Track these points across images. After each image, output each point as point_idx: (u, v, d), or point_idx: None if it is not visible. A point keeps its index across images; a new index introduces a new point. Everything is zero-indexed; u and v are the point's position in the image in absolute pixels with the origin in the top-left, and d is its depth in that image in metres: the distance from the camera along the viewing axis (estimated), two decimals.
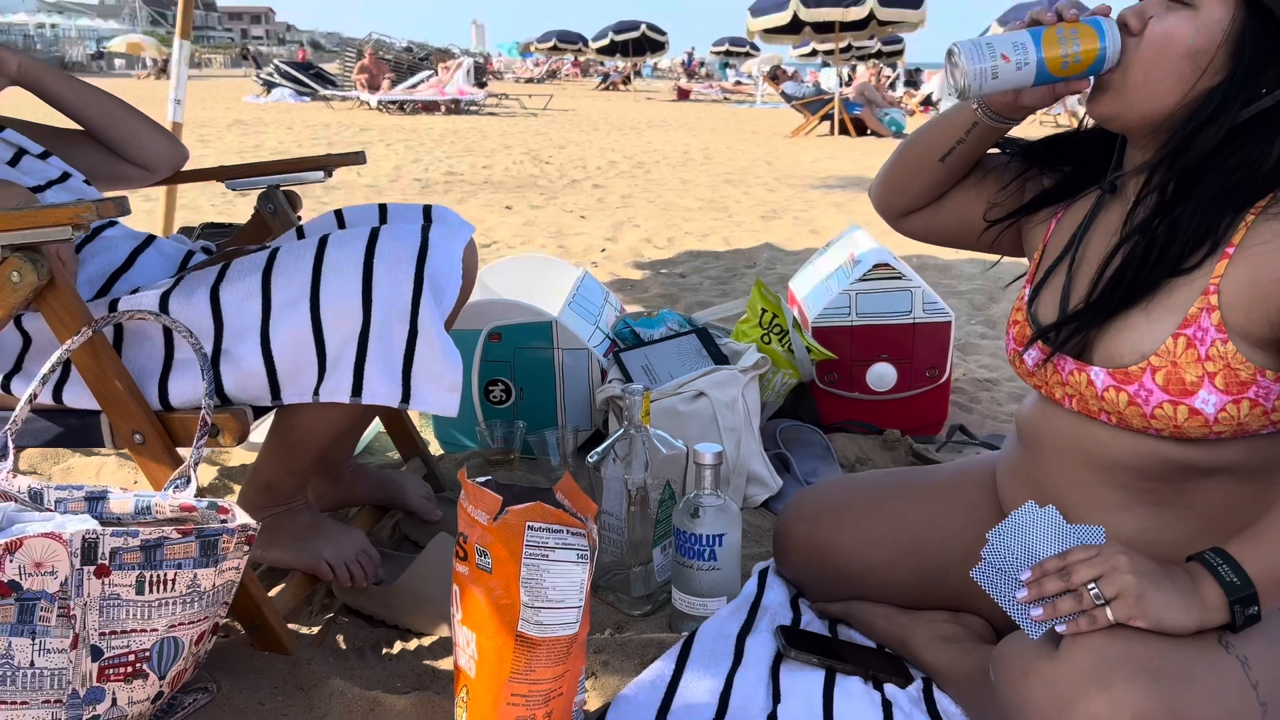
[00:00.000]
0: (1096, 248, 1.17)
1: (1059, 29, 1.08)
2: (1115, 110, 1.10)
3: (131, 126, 1.91)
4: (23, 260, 1.33)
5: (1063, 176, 1.27)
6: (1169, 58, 1.05)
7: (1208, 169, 1.06)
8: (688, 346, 2.14)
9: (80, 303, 1.38)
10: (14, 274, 1.33)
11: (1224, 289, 1.04)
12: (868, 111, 12.59)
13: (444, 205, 1.83)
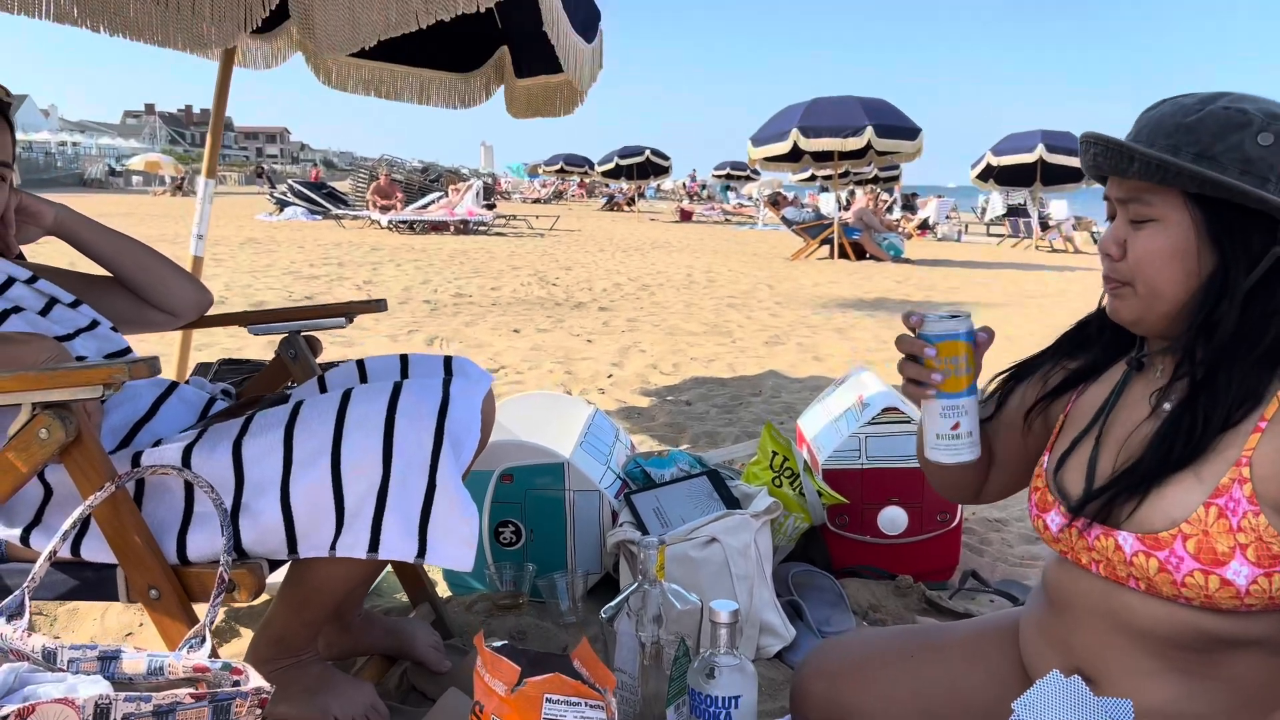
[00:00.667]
0: (1124, 421, 1.19)
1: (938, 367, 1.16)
2: (1136, 316, 1.14)
3: (160, 274, 1.96)
4: (52, 418, 1.36)
5: (1086, 358, 1.30)
6: (1160, 268, 1.09)
7: (1236, 336, 1.09)
8: (699, 489, 2.15)
9: (105, 458, 1.40)
10: (42, 431, 1.36)
11: (1256, 461, 1.05)
12: (866, 236, 12.88)
13: (453, 327, 1.87)
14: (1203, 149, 1.07)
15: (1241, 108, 1.08)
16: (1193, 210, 1.08)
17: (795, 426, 2.74)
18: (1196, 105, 1.10)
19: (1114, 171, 1.13)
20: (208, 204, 3.23)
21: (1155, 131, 1.11)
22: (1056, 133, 15.19)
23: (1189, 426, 1.09)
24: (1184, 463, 1.09)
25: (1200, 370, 1.10)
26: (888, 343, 6.16)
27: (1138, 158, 1.08)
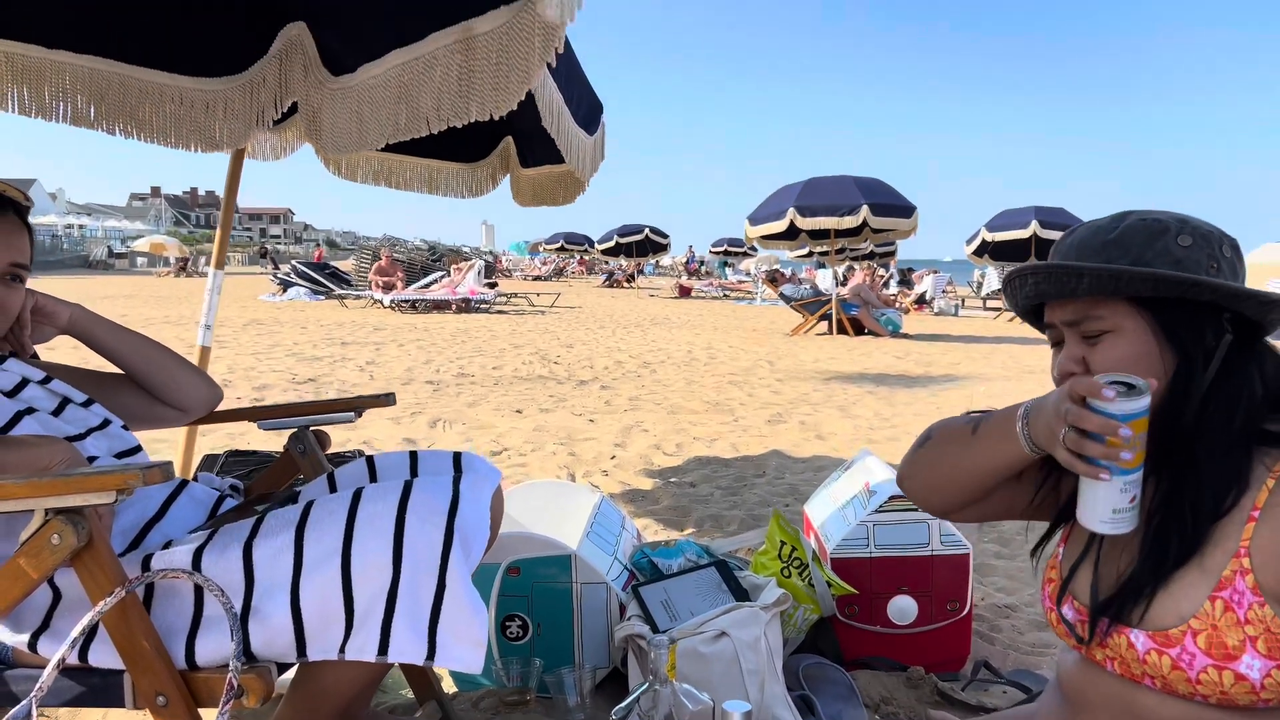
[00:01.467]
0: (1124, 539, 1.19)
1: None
2: None
3: (171, 371, 1.99)
4: (64, 523, 1.36)
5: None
6: (1127, 370, 1.12)
7: (1207, 426, 1.11)
8: (707, 580, 2.14)
9: (116, 563, 1.40)
10: (54, 536, 1.36)
11: (1254, 551, 1.06)
12: (865, 312, 12.98)
13: (456, 408, 1.88)
14: (1135, 258, 1.12)
15: (1155, 218, 1.15)
16: (1144, 314, 1.13)
17: (802, 512, 2.73)
18: (1111, 224, 1.17)
19: (1062, 294, 1.16)
20: (216, 295, 3.26)
21: (1083, 252, 1.16)
22: (1049, 209, 15.44)
23: (1180, 522, 1.11)
24: (1184, 558, 1.10)
25: (1180, 464, 1.12)
26: (890, 420, 6.16)
27: (1086, 273, 1.12)
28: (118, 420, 1.82)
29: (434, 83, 1.75)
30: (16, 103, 2.14)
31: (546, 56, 1.54)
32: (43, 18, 2.12)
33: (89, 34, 2.14)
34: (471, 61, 1.67)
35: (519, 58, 1.57)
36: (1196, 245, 1.12)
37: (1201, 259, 1.11)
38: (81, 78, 2.13)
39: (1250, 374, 1.12)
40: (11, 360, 1.75)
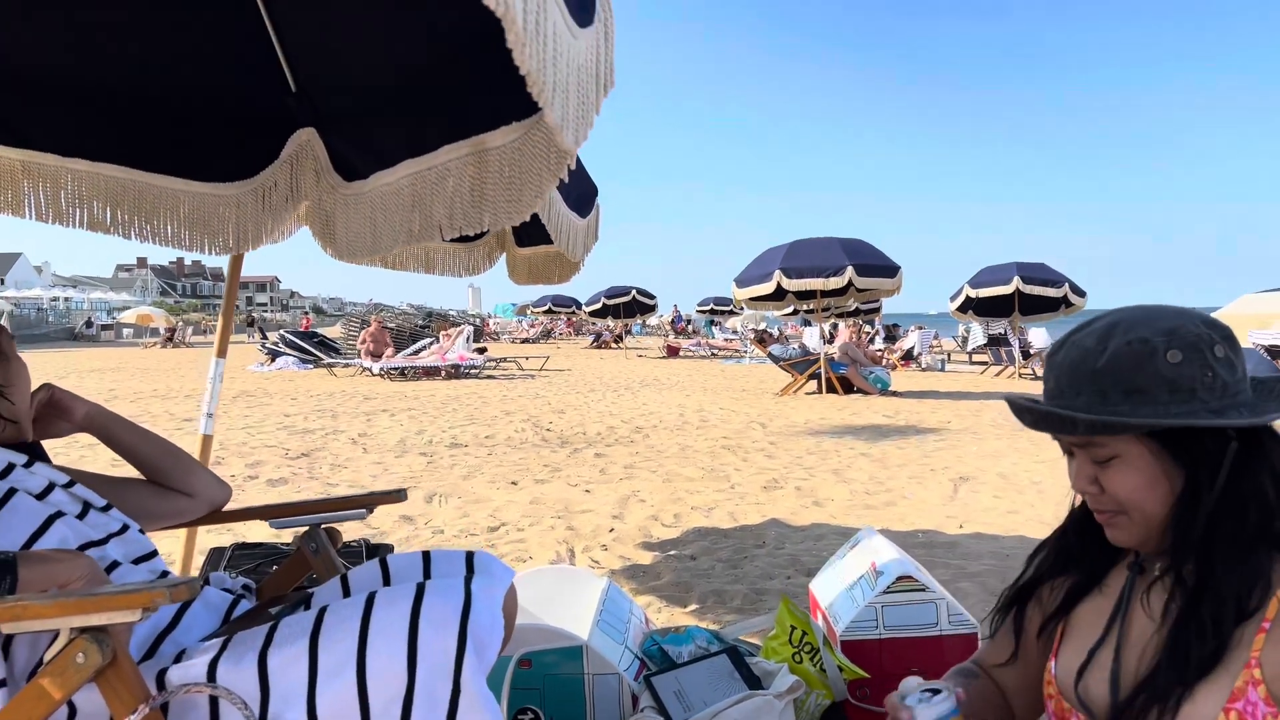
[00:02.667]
0: (1139, 628, 1.21)
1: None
2: (1139, 540, 1.20)
3: (184, 468, 2.02)
4: (89, 641, 1.37)
5: (1077, 573, 1.33)
6: (1144, 496, 1.15)
7: (1220, 532, 1.13)
8: (719, 668, 2.14)
9: (139, 680, 1.41)
10: (79, 655, 1.37)
11: (1265, 662, 1.07)
12: (853, 370, 13.07)
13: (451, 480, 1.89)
14: (1127, 386, 1.13)
15: (1141, 337, 1.14)
16: (1146, 441, 1.14)
17: (807, 589, 2.74)
18: (1098, 346, 1.17)
19: (1061, 432, 1.19)
20: (218, 383, 3.29)
21: (1074, 381, 1.18)
22: (1030, 264, 15.66)
23: (1199, 630, 1.11)
24: (1205, 668, 1.11)
25: (1197, 571, 1.14)
26: (885, 484, 6.18)
27: (1081, 423, 1.14)
28: (135, 525, 1.84)
29: (447, 192, 1.80)
30: (33, 209, 2.19)
31: (559, 174, 1.60)
32: (59, 128, 2.18)
33: (104, 142, 2.19)
34: (484, 173, 1.73)
35: (532, 173, 1.63)
36: (1187, 360, 1.12)
37: (1195, 373, 1.12)
38: (98, 185, 2.18)
39: (1260, 477, 1.12)
40: (39, 464, 1.77)
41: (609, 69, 1.43)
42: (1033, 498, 5.69)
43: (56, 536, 1.64)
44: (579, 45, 1.28)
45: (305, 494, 6.01)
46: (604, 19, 1.40)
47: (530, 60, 1.06)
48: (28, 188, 2.20)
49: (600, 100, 1.40)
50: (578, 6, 1.28)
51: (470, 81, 1.75)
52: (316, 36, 2.00)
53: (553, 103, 1.17)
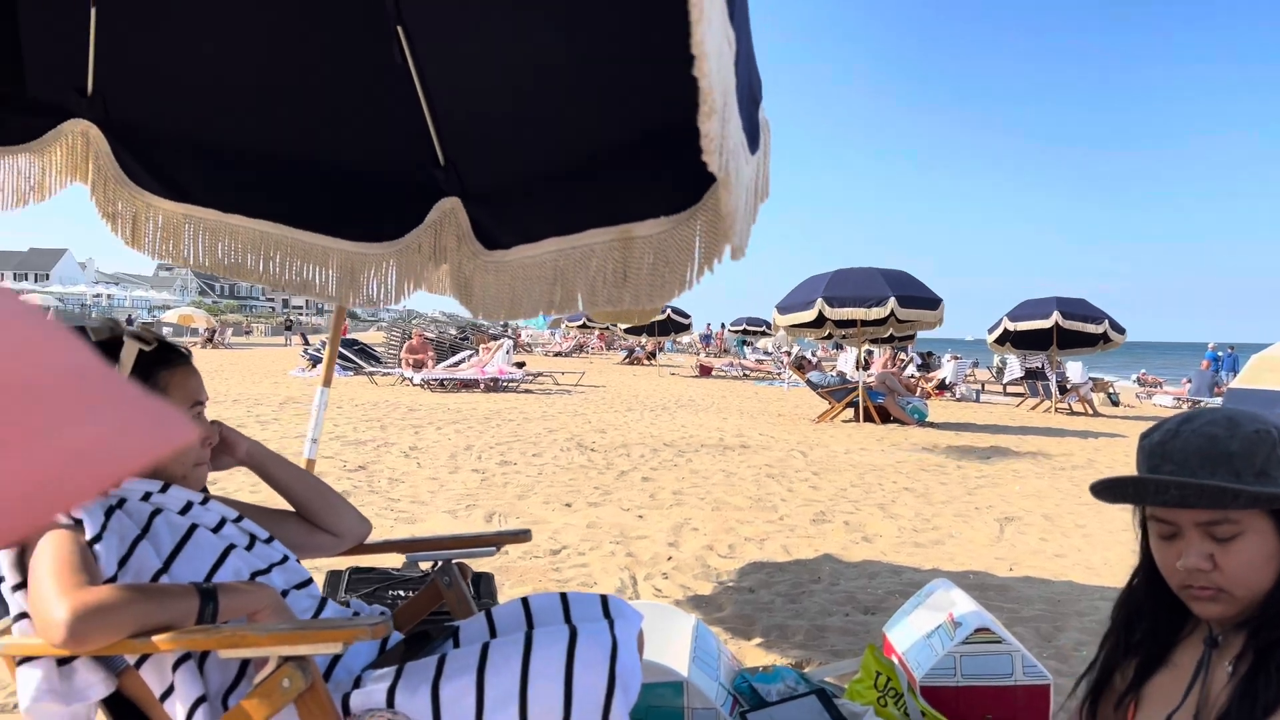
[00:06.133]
0: (1217, 692, 1.35)
1: None
2: (1231, 615, 1.34)
3: (331, 499, 2.22)
4: (294, 669, 1.56)
5: (1147, 651, 1.47)
6: (1257, 572, 1.30)
7: None
8: (809, 708, 2.31)
9: (332, 705, 1.60)
10: (285, 681, 1.56)
11: None
12: (890, 400, 13.17)
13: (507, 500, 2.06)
14: (1257, 469, 1.29)
15: (1265, 428, 1.31)
16: (1268, 518, 1.30)
17: (882, 634, 2.90)
18: (1227, 433, 1.31)
19: (1211, 506, 1.33)
20: (323, 410, 3.51)
21: (1207, 462, 1.31)
22: (1070, 299, 15.68)
23: (1267, 678, 1.26)
24: (1271, 709, 1.24)
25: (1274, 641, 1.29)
26: (931, 520, 6.31)
27: (1243, 495, 1.29)
28: (292, 555, 2.04)
29: (590, 271, 2.00)
30: (194, 258, 2.41)
31: (706, 268, 1.78)
32: (220, 186, 2.40)
33: (259, 201, 2.41)
34: (629, 258, 1.92)
35: (677, 264, 1.81)
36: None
37: None
38: (253, 239, 2.40)
39: None
40: (213, 501, 1.97)
41: (766, 180, 1.61)
42: (1079, 541, 5.79)
43: (231, 569, 1.84)
44: (749, 170, 1.47)
45: (369, 508, 6.22)
46: (765, 141, 1.59)
47: (732, 198, 1.25)
48: (189, 239, 2.42)
49: (758, 209, 1.59)
50: (750, 138, 1.47)
51: (621, 178, 1.95)
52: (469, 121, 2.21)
53: (734, 227, 1.36)
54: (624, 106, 1.91)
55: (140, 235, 2.37)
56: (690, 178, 1.84)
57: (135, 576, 1.65)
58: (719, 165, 1.27)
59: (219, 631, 1.57)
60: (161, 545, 1.74)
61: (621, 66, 1.88)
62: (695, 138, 1.53)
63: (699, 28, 0.98)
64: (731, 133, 1.35)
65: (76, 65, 2.31)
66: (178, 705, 1.62)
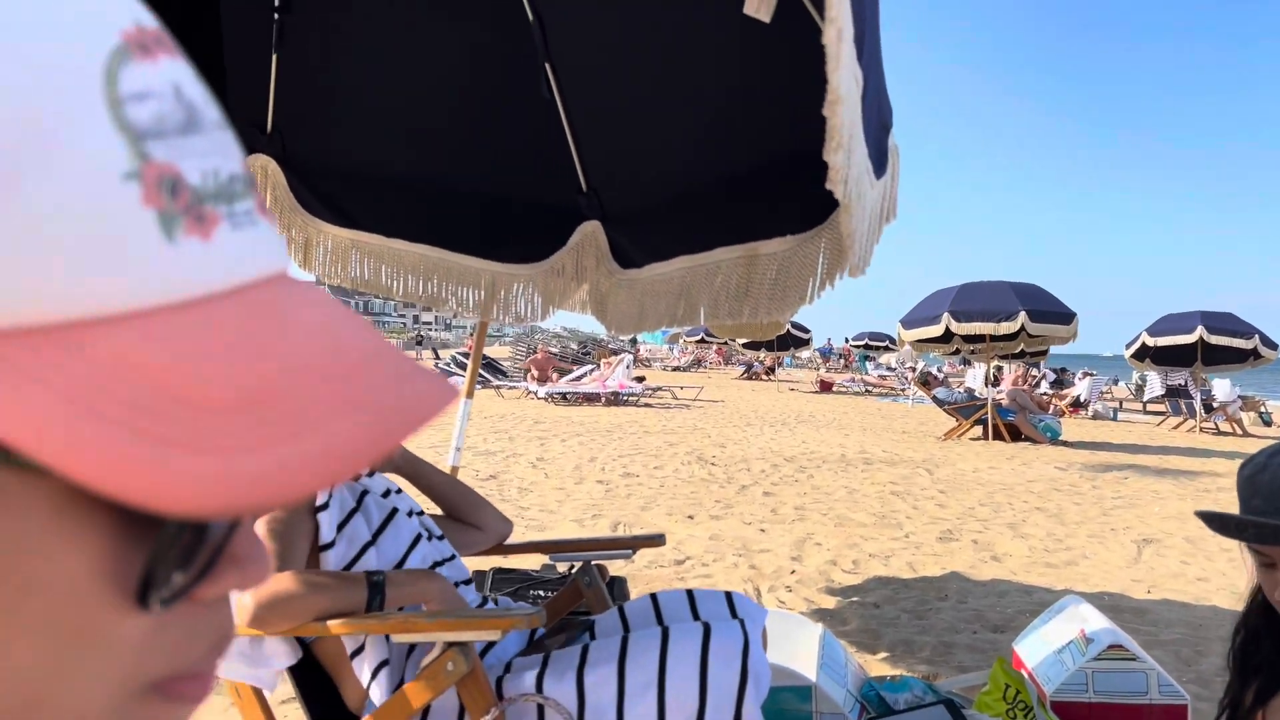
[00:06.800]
0: None
1: None
2: None
3: (476, 504, 2.39)
4: (457, 654, 1.72)
5: (1267, 675, 1.47)
6: None
7: None
8: (937, 718, 2.34)
9: (490, 688, 1.76)
10: (449, 664, 1.72)
11: None
12: (1021, 417, 12.78)
13: (631, 511, 2.16)
14: None
15: None
16: None
17: (1011, 650, 2.89)
18: None
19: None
20: (465, 421, 3.73)
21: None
22: (1216, 314, 14.89)
23: None
24: None
25: None
26: (1064, 541, 6.15)
27: None
28: (455, 553, 2.21)
29: (714, 286, 2.11)
30: (359, 280, 2.64)
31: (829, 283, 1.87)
32: (384, 214, 2.62)
33: (419, 227, 2.63)
34: (753, 274, 2.03)
35: (799, 280, 1.91)
36: None
37: None
38: (413, 262, 2.62)
39: None
40: (404, 493, 2.16)
41: (892, 202, 1.70)
42: (1224, 565, 5.54)
43: (420, 555, 2.01)
44: (873, 194, 1.56)
45: None
46: (893, 165, 1.67)
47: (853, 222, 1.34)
48: (355, 262, 2.65)
49: (882, 230, 1.68)
50: (877, 164, 1.56)
51: (749, 199, 2.06)
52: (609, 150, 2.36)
53: (854, 248, 1.45)
54: (755, 135, 2.02)
55: (311, 259, 2.61)
56: (816, 200, 1.93)
57: (348, 544, 1.85)
58: (843, 193, 1.37)
59: (390, 618, 1.75)
60: (371, 521, 1.93)
61: (755, 99, 1.99)
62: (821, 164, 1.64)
63: (834, 75, 1.09)
64: (856, 162, 1.45)
65: (258, 105, 2.58)
66: (364, 665, 1.81)
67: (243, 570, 0.33)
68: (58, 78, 0.27)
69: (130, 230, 0.28)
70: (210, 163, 0.31)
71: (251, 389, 0.29)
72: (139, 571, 0.30)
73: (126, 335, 0.28)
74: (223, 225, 0.31)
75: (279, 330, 0.31)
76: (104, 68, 0.29)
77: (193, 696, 0.33)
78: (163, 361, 0.28)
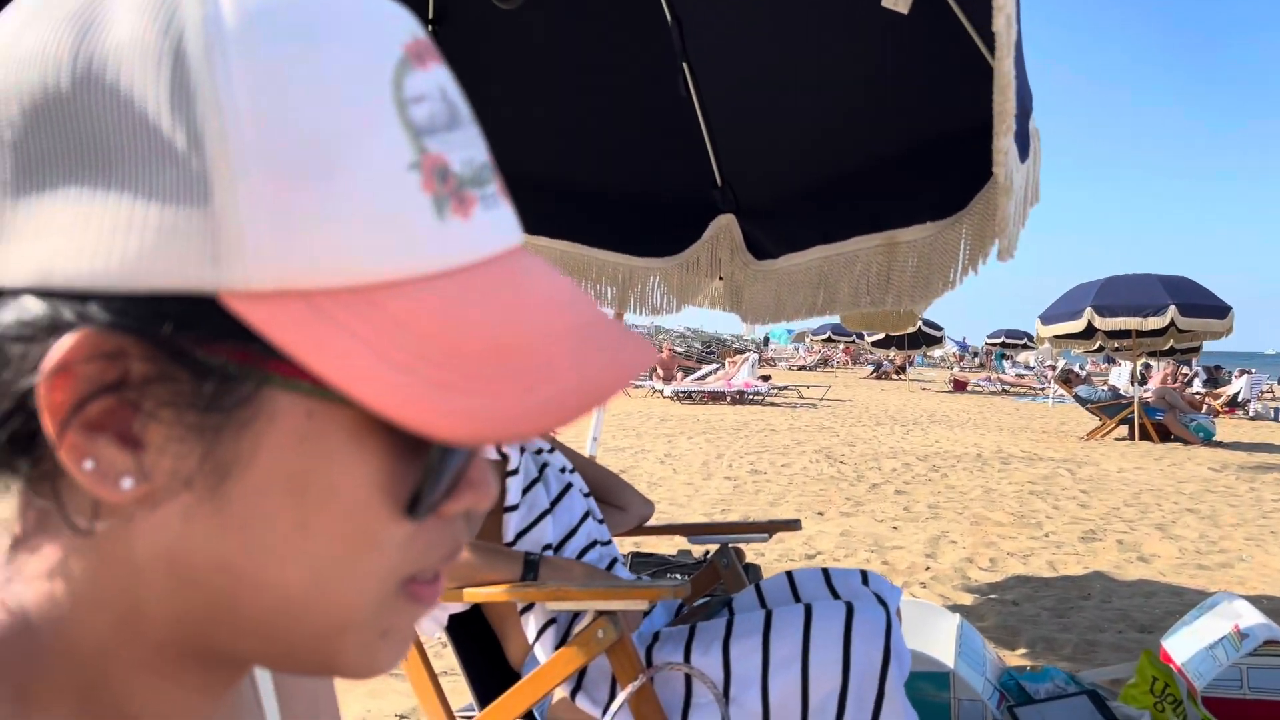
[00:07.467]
0: None
1: None
2: None
3: (619, 487, 2.49)
4: (608, 622, 1.83)
5: None
6: None
7: None
8: (1080, 708, 2.32)
9: (637, 656, 1.85)
10: (600, 632, 1.83)
11: None
12: (1171, 416, 12.15)
13: (760, 507, 2.21)
14: None
15: None
16: None
17: (1159, 647, 2.82)
18: None
19: None
20: (602, 412, 3.86)
21: None
22: None
23: None
24: None
25: None
26: (1217, 544, 5.85)
27: None
28: (613, 542, 2.30)
29: (853, 275, 2.15)
30: None
31: (971, 268, 1.89)
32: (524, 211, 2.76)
33: (560, 223, 2.76)
34: (893, 261, 2.06)
35: (941, 267, 1.93)
36: None
37: None
38: (554, 257, 2.75)
39: None
40: (575, 474, 2.27)
41: (1035, 186, 1.71)
42: None
43: (585, 532, 2.12)
44: (1019, 177, 1.58)
45: None
46: (1034, 149, 1.69)
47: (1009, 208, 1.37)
48: None
49: (1028, 213, 1.69)
50: (1021, 147, 1.58)
51: (887, 187, 2.10)
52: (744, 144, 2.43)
53: (1006, 230, 1.48)
54: (893, 121, 2.05)
55: None
56: (956, 185, 1.95)
57: (528, 509, 1.98)
58: (1004, 175, 1.40)
59: (546, 586, 1.87)
60: (550, 490, 2.06)
61: (891, 86, 2.03)
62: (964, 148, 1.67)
63: (1005, 61, 1.13)
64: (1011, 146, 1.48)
65: None
66: (531, 621, 1.94)
67: (477, 491, 0.41)
68: (360, 86, 0.36)
69: (413, 211, 0.36)
70: (468, 153, 0.40)
71: (504, 342, 0.36)
72: (410, 487, 0.39)
73: (411, 297, 0.36)
74: (478, 206, 0.39)
75: (521, 294, 0.39)
76: (393, 76, 0.38)
77: (427, 599, 0.41)
78: (437, 319, 0.36)
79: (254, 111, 0.33)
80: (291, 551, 0.37)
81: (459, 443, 0.34)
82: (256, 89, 0.34)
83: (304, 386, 0.35)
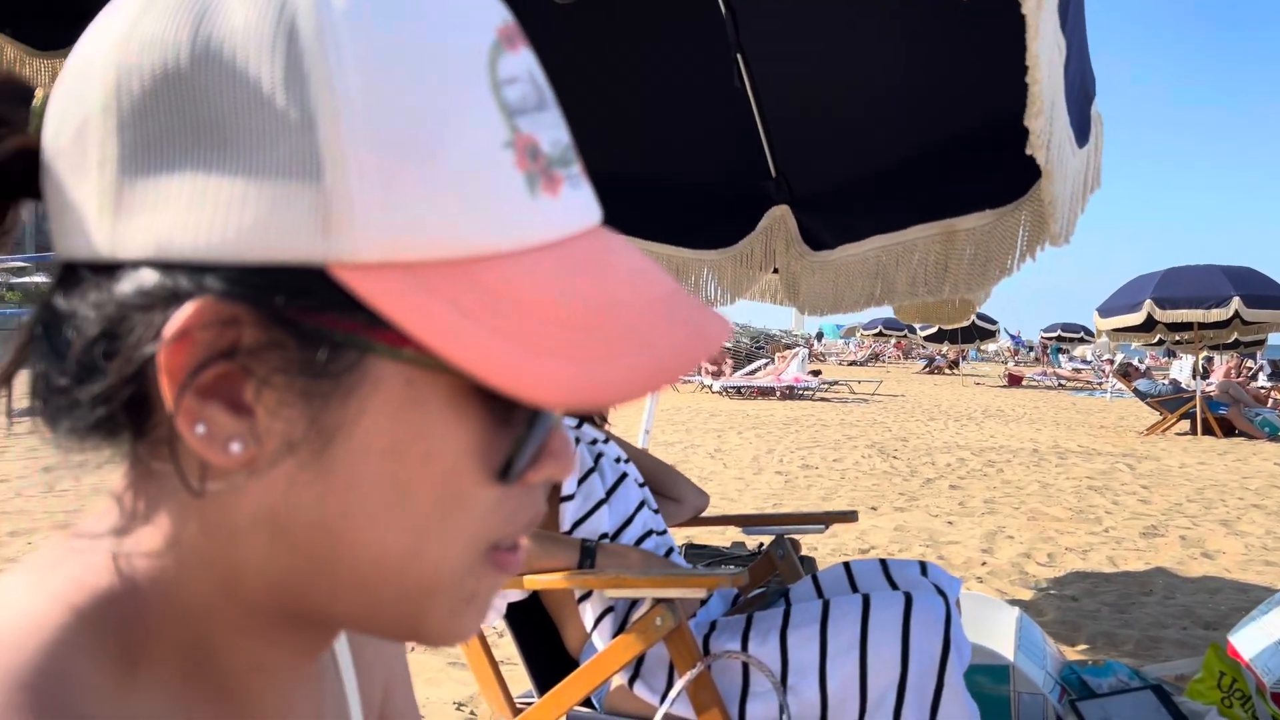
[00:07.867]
0: None
1: None
2: None
3: (673, 478, 2.50)
4: (666, 610, 1.84)
5: None
6: None
7: None
8: (1145, 703, 2.28)
9: (695, 643, 1.87)
10: (658, 619, 1.84)
11: None
12: (1235, 411, 11.84)
13: (811, 501, 2.20)
14: None
15: None
16: None
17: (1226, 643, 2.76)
18: None
19: None
20: (654, 403, 3.88)
21: None
22: None
23: None
24: None
25: None
26: None
27: None
28: (668, 533, 2.32)
29: (911, 265, 2.14)
30: None
31: (1029, 255, 1.87)
32: None
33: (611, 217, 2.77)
34: (950, 251, 2.04)
35: (999, 255, 1.92)
36: None
37: None
38: None
39: None
40: (630, 464, 2.29)
41: (1096, 172, 1.69)
42: None
43: (641, 522, 2.14)
44: (1075, 162, 1.56)
45: None
46: (1096, 134, 1.67)
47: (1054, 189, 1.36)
48: None
49: (1087, 199, 1.67)
50: (1079, 132, 1.56)
51: (945, 175, 2.08)
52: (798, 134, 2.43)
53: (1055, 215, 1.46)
54: (948, 109, 2.04)
55: None
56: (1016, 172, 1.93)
57: (584, 499, 2.01)
58: (1044, 159, 1.39)
59: (604, 573, 1.89)
60: (605, 480, 2.08)
61: (948, 73, 2.01)
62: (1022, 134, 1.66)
63: (1034, 44, 1.12)
64: (1058, 129, 1.46)
65: None
66: (589, 608, 1.96)
67: (558, 461, 0.43)
68: (460, 67, 0.38)
69: (508, 188, 0.38)
70: (555, 134, 0.42)
71: (594, 313, 0.38)
72: (500, 453, 0.41)
73: (506, 269, 0.37)
74: (565, 185, 0.41)
75: (609, 268, 0.41)
76: (488, 59, 0.39)
77: (509, 567, 0.43)
78: (533, 289, 0.37)
79: (364, 91, 0.35)
80: (389, 513, 0.38)
81: (556, 407, 0.36)
82: (366, 70, 0.35)
83: (406, 354, 0.36)
